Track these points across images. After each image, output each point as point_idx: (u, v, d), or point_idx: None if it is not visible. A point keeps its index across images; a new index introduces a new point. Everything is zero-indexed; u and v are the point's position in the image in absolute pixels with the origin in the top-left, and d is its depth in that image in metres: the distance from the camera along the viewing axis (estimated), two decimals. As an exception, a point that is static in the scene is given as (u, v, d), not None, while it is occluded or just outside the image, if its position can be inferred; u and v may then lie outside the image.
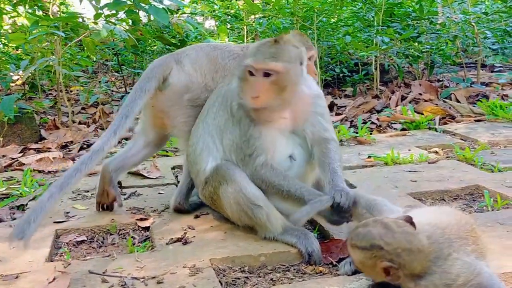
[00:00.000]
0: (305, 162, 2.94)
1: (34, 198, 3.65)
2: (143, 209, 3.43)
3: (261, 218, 2.80)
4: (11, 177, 4.23)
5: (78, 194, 3.77)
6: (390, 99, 6.72)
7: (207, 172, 2.92)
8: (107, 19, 6.58)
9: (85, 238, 3.08)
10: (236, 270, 2.62)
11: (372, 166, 4.23)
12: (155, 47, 10.67)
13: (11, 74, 7.24)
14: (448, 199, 3.52)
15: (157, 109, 3.24)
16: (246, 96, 2.73)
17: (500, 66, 8.13)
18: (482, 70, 8.16)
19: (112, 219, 3.23)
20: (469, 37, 7.32)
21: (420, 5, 7.33)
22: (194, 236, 2.94)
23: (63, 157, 4.82)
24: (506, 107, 5.71)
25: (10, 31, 9.28)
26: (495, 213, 3.14)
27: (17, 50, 9.27)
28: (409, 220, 2.15)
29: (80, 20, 6.72)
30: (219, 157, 2.91)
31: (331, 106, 6.76)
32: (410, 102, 6.53)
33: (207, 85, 3.22)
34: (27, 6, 7.30)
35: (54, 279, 2.45)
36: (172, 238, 2.91)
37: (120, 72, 9.86)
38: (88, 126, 6.57)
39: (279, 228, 2.82)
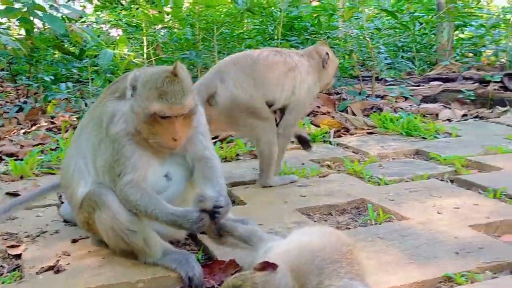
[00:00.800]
0: (184, 180, 2.84)
1: None
2: (16, 234, 3.18)
3: (138, 244, 2.68)
4: None
5: None
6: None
7: (80, 196, 2.75)
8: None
9: None
10: (111, 299, 2.48)
11: (265, 181, 4.21)
12: (55, 56, 10.21)
13: None
14: (335, 213, 3.57)
15: (214, 119, 3.65)
16: (164, 139, 2.60)
17: (391, 80, 8.50)
18: (378, 83, 8.49)
19: (-21, 247, 2.97)
20: (364, 52, 7.59)
21: (318, 20, 7.51)
22: (68, 264, 2.75)
23: None
24: (397, 119, 5.94)
25: None
26: (377, 227, 3.21)
27: None
28: (265, 267, 2.06)
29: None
30: (91, 181, 2.74)
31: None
32: (308, 115, 6.63)
33: (252, 96, 3.78)
34: None
35: None
36: (43, 267, 2.70)
37: (15, 82, 9.33)
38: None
39: (158, 252, 2.71)
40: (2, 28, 6.80)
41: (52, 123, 7.02)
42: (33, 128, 6.76)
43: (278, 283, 2.04)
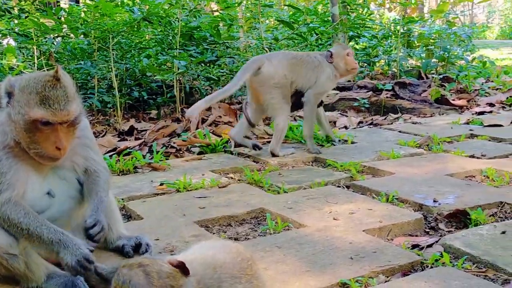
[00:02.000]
0: (69, 198, 2.66)
1: None
2: None
3: (19, 268, 2.47)
4: None
5: None
6: (190, 122, 6.71)
7: None
8: None
9: None
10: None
11: (164, 193, 4.10)
12: None
13: None
14: (235, 224, 3.53)
15: (253, 87, 5.23)
16: (47, 149, 2.42)
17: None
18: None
19: None
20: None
21: (217, 30, 7.50)
22: None
23: None
24: (296, 128, 6.04)
25: None
26: (275, 236, 3.20)
27: None
28: (181, 266, 2.02)
29: None
30: None
31: (131, 131, 6.54)
32: (210, 125, 6.58)
33: (286, 76, 5.18)
34: None
35: None
36: None
37: None
38: None
39: (42, 276, 2.51)
40: None
41: None
42: None
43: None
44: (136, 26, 6.94)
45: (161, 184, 4.27)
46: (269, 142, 5.80)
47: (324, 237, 3.12)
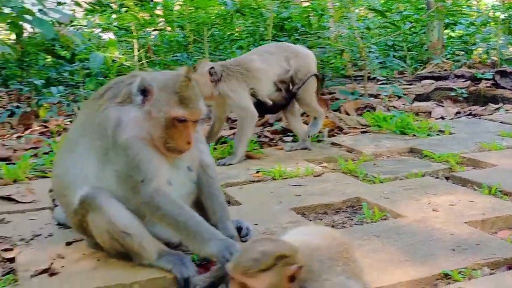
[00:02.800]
0: (183, 185, 2.82)
1: None
2: (10, 238, 3.14)
3: (133, 246, 2.65)
4: None
5: None
6: (281, 112, 6.78)
7: (76, 203, 2.69)
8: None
9: None
10: (106, 302, 2.46)
11: (259, 181, 4.21)
12: (47, 60, 10.16)
13: None
14: (330, 212, 3.56)
15: None
16: (179, 143, 2.63)
17: (384, 79, 8.52)
18: (371, 82, 8.51)
19: (-28, 251, 2.93)
20: (355, 51, 7.60)
21: (308, 20, 7.51)
22: (63, 266, 2.72)
23: None
24: (390, 118, 5.94)
25: None
26: (372, 225, 3.20)
27: None
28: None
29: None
30: (86, 186, 2.66)
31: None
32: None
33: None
34: None
35: None
36: (37, 270, 2.67)
37: (7, 87, 9.26)
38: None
39: (154, 254, 2.68)
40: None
41: (45, 127, 6.97)
42: (26, 132, 6.72)
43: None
44: (229, 18, 7.09)
45: (257, 172, 4.38)
46: (362, 132, 5.77)
47: (424, 228, 3.08)
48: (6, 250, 2.95)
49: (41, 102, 7.17)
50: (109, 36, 12.72)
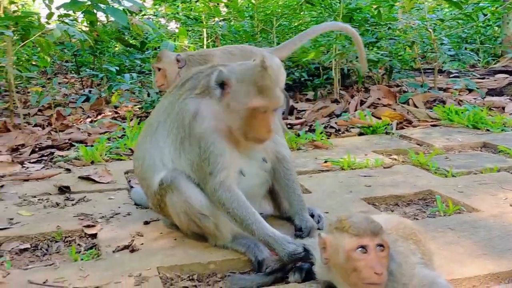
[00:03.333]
0: (256, 175, 2.88)
1: (-23, 203, 3.49)
2: (91, 215, 3.31)
3: (209, 227, 2.74)
4: (-46, 182, 4.04)
5: (24, 200, 3.61)
6: (349, 103, 6.75)
7: (155, 185, 2.81)
8: (61, 19, 6.40)
9: (29, 246, 2.94)
10: (185, 279, 2.55)
11: (328, 171, 4.22)
12: (116, 48, 10.50)
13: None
14: (402, 204, 3.53)
15: None
16: (260, 132, 2.67)
17: (456, 72, 8.28)
18: (440, 75, 8.29)
19: (58, 226, 3.10)
20: (426, 43, 7.42)
21: (378, 11, 7.38)
22: (142, 244, 2.85)
23: (12, 160, 4.64)
24: (462, 112, 5.79)
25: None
26: (446, 218, 3.15)
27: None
28: None
29: (36, 19, 6.52)
30: (166, 169, 2.78)
31: (291, 110, 6.75)
32: (369, 107, 6.56)
33: None
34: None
35: (-10, 290, 2.33)
36: (119, 246, 2.81)
37: (79, 74, 9.64)
38: (44, 128, 6.38)
39: (228, 236, 2.76)
40: (70, 20, 7.02)
41: (116, 112, 7.25)
42: (99, 117, 7.00)
43: None
44: (298, 9, 7.08)
45: (325, 162, 4.39)
46: (432, 126, 5.66)
47: (501, 223, 3.00)
48: (88, 226, 3.11)
49: (114, 89, 7.41)
50: (174, 25, 13.04)
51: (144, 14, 11.59)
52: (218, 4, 8.00)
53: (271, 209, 3.17)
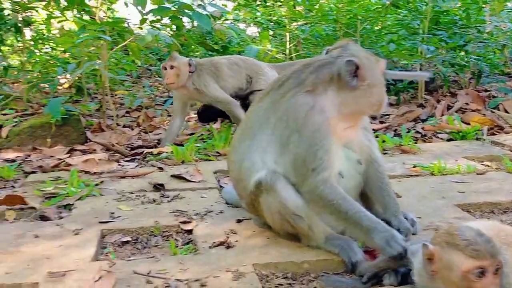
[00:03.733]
0: (352, 178, 2.89)
1: (80, 198, 3.72)
2: (186, 212, 3.44)
3: (303, 228, 2.77)
4: (58, 177, 4.32)
5: (123, 195, 3.81)
6: (435, 108, 6.59)
7: (252, 185, 2.86)
8: (152, 24, 6.68)
9: (130, 239, 3.11)
10: (279, 277, 2.60)
11: (417, 175, 4.14)
12: (197, 53, 10.79)
13: (59, 77, 7.43)
14: (498, 212, 3.41)
15: None
16: (383, 103, 2.85)
17: (551, 77, 7.87)
18: (533, 80, 7.92)
19: (156, 221, 3.25)
20: (519, 46, 7.13)
21: (467, 13, 7.17)
22: (236, 241, 2.93)
23: (108, 159, 4.90)
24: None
25: (58, 35, 9.53)
26: (547, 227, 3.01)
27: (64, 54, 9.50)
28: None
29: (126, 25, 6.85)
30: (264, 170, 2.81)
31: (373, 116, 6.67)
32: (456, 112, 6.38)
33: None
34: (75, 11, 7.47)
35: (100, 278, 2.48)
36: (215, 242, 2.91)
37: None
38: (132, 129, 6.69)
39: (321, 237, 2.79)
40: (159, 25, 7.30)
41: (199, 114, 7.46)
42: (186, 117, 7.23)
43: None
44: (383, 12, 7.00)
45: (414, 167, 4.31)
46: None
47: None
48: (184, 222, 3.24)
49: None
50: (253, 30, 13.23)
51: (226, 19, 11.87)
52: (294, 7, 8.05)
53: None
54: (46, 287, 2.44)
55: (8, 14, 7.85)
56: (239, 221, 3.24)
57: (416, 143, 5.23)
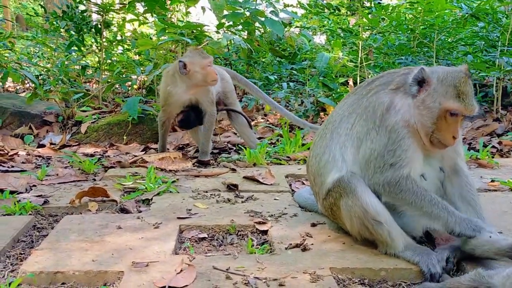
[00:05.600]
0: (433, 183, 2.87)
1: (158, 194, 3.84)
2: (260, 213, 3.48)
3: (382, 234, 2.76)
4: (136, 172, 4.48)
5: (198, 194, 3.90)
6: (512, 123, 6.36)
7: (330, 183, 2.90)
8: (228, 29, 6.82)
9: (206, 236, 3.18)
10: (356, 282, 2.60)
11: (496, 190, 4.02)
12: (264, 59, 10.88)
13: (135, 77, 7.70)
14: None
15: None
16: (446, 136, 2.73)
17: None
18: None
19: (232, 220, 3.32)
20: None
21: (551, 25, 6.88)
22: (312, 244, 2.95)
23: (182, 157, 5.03)
24: None
25: (130, 38, 9.84)
26: None
27: (138, 56, 9.81)
28: None
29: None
30: (344, 169, 2.85)
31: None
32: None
33: None
34: (154, 15, 7.71)
35: (181, 270, 2.56)
36: (291, 244, 2.93)
37: (232, 82, 10.13)
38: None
39: (400, 245, 2.76)
40: (235, 30, 7.45)
41: (267, 120, 7.53)
42: (252, 123, 7.32)
43: None
44: (461, 23, 6.84)
45: (492, 181, 4.19)
46: None
47: None
48: (259, 223, 3.28)
49: (272, 96, 7.68)
50: (320, 38, 13.20)
51: (297, 26, 11.92)
52: (369, 15, 7.97)
53: None
54: (130, 276, 2.54)
55: (89, 16, 8.21)
56: (313, 225, 3.25)
57: (493, 157, 5.07)
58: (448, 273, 2.67)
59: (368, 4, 8.47)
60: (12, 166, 4.84)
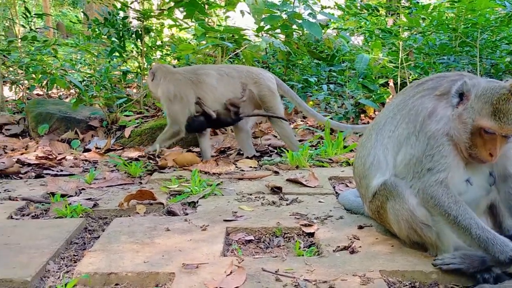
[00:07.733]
0: (481, 187, 2.81)
1: (203, 197, 3.89)
2: (305, 215, 3.49)
3: (431, 238, 2.74)
4: (180, 176, 4.55)
5: (243, 196, 3.94)
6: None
7: (375, 186, 2.89)
8: (267, 32, 6.84)
9: (253, 238, 3.20)
10: (407, 285, 2.58)
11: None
12: (300, 62, 10.88)
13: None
14: None
15: None
16: (482, 152, 2.66)
17: None
18: None
19: (278, 222, 3.33)
20: None
21: None
22: (360, 246, 2.93)
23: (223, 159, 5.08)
24: None
25: (168, 43, 9.98)
26: None
27: (177, 61, 9.94)
28: None
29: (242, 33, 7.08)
30: (388, 172, 2.84)
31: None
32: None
33: None
34: (193, 20, 7.82)
35: (231, 272, 2.59)
36: (339, 246, 2.93)
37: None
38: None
39: (450, 248, 2.73)
40: (274, 33, 7.47)
41: (305, 122, 7.53)
42: (292, 125, 7.33)
43: None
44: (506, 21, 6.69)
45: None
46: None
47: None
48: (305, 225, 3.29)
49: (312, 99, 7.69)
50: (357, 39, 13.10)
51: (334, 28, 11.87)
52: (427, 16, 7.85)
53: (491, 224, 3.04)
54: (181, 277, 2.59)
55: (131, 22, 8.38)
56: (360, 227, 3.24)
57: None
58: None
59: (407, 4, 8.36)
60: (61, 170, 4.98)
